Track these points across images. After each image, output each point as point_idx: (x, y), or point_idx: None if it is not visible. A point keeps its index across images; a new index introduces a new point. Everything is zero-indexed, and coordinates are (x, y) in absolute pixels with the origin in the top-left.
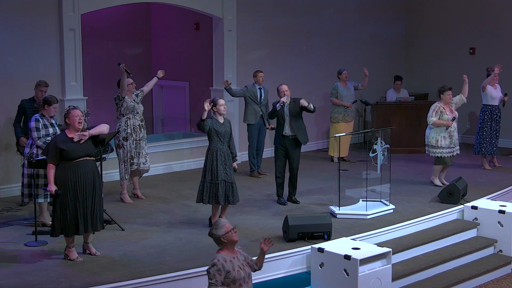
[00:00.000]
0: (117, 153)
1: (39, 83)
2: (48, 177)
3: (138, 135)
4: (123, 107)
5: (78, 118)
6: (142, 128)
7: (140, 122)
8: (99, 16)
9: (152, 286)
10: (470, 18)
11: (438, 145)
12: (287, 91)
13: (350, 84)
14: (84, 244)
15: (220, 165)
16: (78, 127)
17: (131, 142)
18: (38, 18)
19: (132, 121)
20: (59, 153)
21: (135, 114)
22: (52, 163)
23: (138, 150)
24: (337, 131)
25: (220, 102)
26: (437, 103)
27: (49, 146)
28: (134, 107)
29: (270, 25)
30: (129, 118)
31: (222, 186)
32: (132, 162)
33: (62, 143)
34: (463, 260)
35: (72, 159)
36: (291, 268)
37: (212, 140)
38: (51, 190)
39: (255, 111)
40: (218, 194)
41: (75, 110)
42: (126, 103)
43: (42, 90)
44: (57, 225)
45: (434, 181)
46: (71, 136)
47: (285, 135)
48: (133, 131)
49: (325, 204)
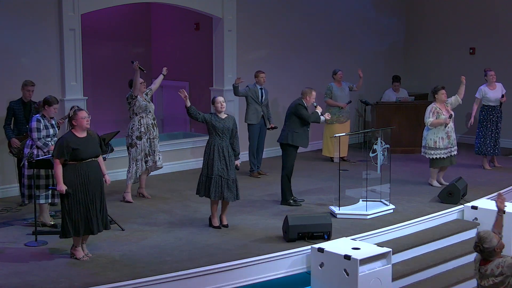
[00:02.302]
0: (129, 152)
1: (26, 83)
2: (56, 177)
3: (152, 134)
4: (136, 106)
5: (85, 120)
6: (155, 127)
7: (153, 121)
8: (99, 16)
9: (152, 286)
10: (470, 18)
11: (436, 146)
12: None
13: (345, 85)
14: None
15: (216, 160)
16: (86, 127)
17: (145, 141)
18: (38, 18)
19: (145, 120)
20: (71, 153)
21: (148, 113)
22: (59, 160)
23: (153, 149)
24: (332, 132)
25: (217, 100)
26: (432, 104)
27: (57, 144)
28: (146, 106)
29: (270, 25)
30: (142, 117)
31: (216, 181)
32: (147, 160)
33: (74, 143)
34: (463, 260)
35: (84, 159)
36: (291, 268)
37: (210, 135)
38: (62, 190)
39: (256, 111)
40: (210, 188)
41: (82, 112)
42: (139, 102)
43: (30, 90)
44: (70, 225)
45: (432, 183)
46: (81, 136)
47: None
48: (147, 130)
49: (325, 204)
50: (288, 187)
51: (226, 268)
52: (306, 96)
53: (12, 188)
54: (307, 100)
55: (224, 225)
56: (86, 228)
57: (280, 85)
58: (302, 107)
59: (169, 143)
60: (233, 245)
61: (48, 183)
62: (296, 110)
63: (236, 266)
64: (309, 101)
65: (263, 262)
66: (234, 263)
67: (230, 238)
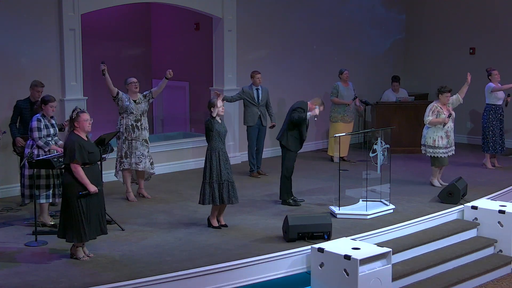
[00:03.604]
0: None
1: (35, 83)
2: (83, 179)
3: (131, 135)
4: (119, 106)
5: (88, 122)
6: (137, 129)
7: (134, 122)
8: (99, 16)
9: (152, 286)
10: (470, 18)
11: (435, 145)
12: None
13: (351, 85)
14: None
15: (222, 165)
16: (88, 129)
17: (123, 141)
18: (38, 18)
19: (125, 120)
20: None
21: (129, 114)
22: (79, 164)
23: (132, 150)
24: (336, 131)
25: (219, 104)
26: (434, 103)
27: (73, 147)
28: (127, 107)
29: (270, 25)
30: (123, 117)
31: (226, 186)
32: (122, 161)
33: (88, 146)
34: (463, 260)
35: (94, 161)
36: (291, 268)
37: (213, 141)
38: (95, 190)
39: (253, 113)
40: (223, 194)
41: (85, 114)
42: (122, 102)
43: (39, 91)
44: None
45: (433, 182)
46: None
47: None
48: (125, 131)
49: (325, 204)
50: (286, 187)
51: (226, 268)
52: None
53: (13, 188)
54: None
55: (223, 225)
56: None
57: (280, 85)
58: (299, 111)
59: (169, 143)
60: (233, 245)
61: (48, 183)
62: (292, 112)
63: (236, 266)
64: (312, 108)
65: (263, 262)
66: (234, 263)
67: (230, 238)
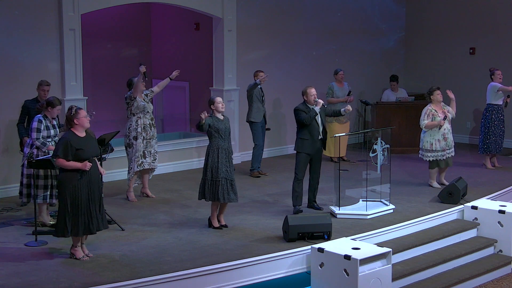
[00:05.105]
0: (127, 152)
1: (41, 82)
2: (70, 166)
3: (149, 134)
4: (134, 107)
5: (87, 118)
6: (152, 127)
7: (150, 121)
8: (99, 16)
9: (152, 286)
10: (470, 18)
11: (433, 148)
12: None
13: (346, 85)
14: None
15: (221, 162)
16: (87, 125)
17: (141, 141)
18: (38, 18)
19: (142, 120)
20: (75, 153)
21: (146, 113)
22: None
23: (149, 149)
24: (332, 131)
25: (218, 100)
26: (428, 106)
27: (59, 143)
28: (144, 106)
29: (270, 25)
30: (140, 117)
31: (222, 184)
32: (142, 162)
33: (77, 143)
34: (463, 260)
35: (86, 158)
36: (291, 268)
37: (213, 138)
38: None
39: (259, 110)
40: (218, 192)
41: (83, 111)
42: (137, 102)
43: (45, 90)
44: (69, 225)
45: (432, 184)
46: (82, 136)
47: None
48: (143, 130)
49: (325, 204)
50: (297, 193)
51: (226, 268)
52: (304, 96)
53: (13, 188)
54: (307, 100)
55: (223, 225)
56: (86, 228)
57: (280, 85)
58: (298, 112)
59: (169, 143)
60: (233, 245)
61: (46, 183)
62: (295, 116)
63: (236, 266)
64: (309, 100)
65: (263, 262)
66: (234, 263)
67: (230, 238)
